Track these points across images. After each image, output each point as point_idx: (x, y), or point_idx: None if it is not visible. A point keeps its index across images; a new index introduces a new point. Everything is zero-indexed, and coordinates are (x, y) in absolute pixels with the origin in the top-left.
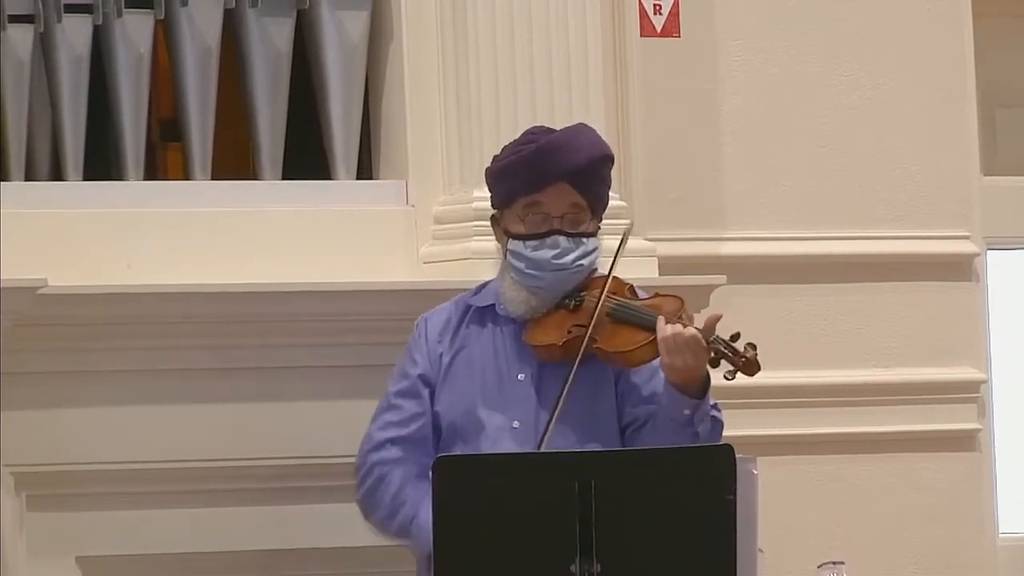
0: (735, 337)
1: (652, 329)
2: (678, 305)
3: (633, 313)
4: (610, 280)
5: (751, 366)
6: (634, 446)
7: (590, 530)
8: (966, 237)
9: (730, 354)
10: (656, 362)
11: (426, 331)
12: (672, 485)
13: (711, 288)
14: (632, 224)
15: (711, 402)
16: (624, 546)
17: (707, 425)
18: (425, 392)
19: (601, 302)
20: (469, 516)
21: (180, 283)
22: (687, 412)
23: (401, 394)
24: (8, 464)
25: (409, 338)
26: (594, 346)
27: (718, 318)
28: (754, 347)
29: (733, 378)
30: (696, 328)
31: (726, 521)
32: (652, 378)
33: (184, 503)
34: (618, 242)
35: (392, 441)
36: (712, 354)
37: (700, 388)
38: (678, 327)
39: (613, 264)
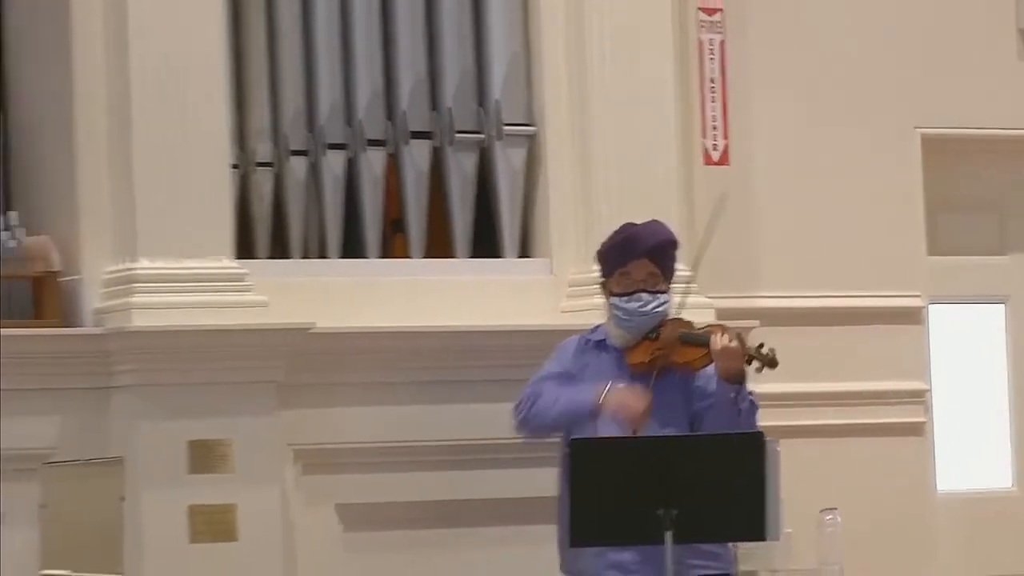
0: (760, 345)
1: (706, 345)
2: (721, 329)
3: (694, 336)
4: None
5: (772, 362)
6: (700, 427)
7: (669, 487)
8: (917, 295)
9: (757, 356)
10: (711, 367)
11: (565, 350)
12: (723, 458)
13: (749, 329)
14: (744, 331)
15: (748, 391)
16: (692, 497)
17: (746, 405)
18: (563, 379)
19: (673, 333)
20: (594, 477)
21: (403, 325)
22: (732, 395)
23: (549, 375)
24: (291, 443)
25: (554, 351)
26: (669, 360)
27: (741, 333)
28: (773, 351)
29: (761, 371)
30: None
31: (759, 481)
32: (708, 383)
33: (403, 468)
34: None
35: (543, 380)
36: (746, 356)
37: (740, 379)
38: (725, 341)
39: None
